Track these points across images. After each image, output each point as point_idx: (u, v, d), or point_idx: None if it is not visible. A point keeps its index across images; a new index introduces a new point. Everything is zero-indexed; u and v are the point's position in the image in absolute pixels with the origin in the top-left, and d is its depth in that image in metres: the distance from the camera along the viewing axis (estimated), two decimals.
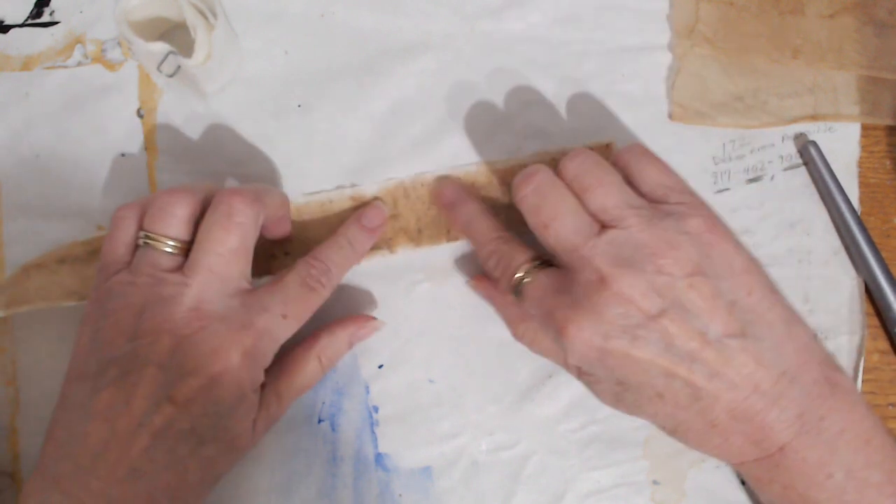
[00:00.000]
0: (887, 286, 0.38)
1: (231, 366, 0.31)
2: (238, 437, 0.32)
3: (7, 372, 0.38)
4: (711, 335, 0.29)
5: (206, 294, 0.31)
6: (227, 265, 0.32)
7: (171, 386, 0.30)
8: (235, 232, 0.32)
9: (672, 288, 0.29)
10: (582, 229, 0.31)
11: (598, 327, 0.29)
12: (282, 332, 0.33)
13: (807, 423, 0.29)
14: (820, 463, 0.29)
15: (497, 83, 0.41)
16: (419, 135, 0.40)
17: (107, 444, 0.29)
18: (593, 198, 0.32)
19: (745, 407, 0.29)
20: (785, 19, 0.42)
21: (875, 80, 0.41)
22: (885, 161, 0.41)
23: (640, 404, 0.31)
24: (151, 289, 0.31)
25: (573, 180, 0.32)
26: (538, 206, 0.32)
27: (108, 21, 0.41)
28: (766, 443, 0.29)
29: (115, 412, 0.30)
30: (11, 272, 0.38)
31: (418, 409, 0.37)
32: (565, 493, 0.37)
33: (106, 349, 0.31)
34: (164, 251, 0.32)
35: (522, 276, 0.33)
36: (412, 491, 0.37)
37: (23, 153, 0.40)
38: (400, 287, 0.39)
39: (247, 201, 0.32)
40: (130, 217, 0.33)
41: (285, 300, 0.33)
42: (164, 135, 0.40)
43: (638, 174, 0.33)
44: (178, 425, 0.30)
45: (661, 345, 0.29)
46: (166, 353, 0.30)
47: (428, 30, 0.41)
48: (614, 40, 0.41)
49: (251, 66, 0.41)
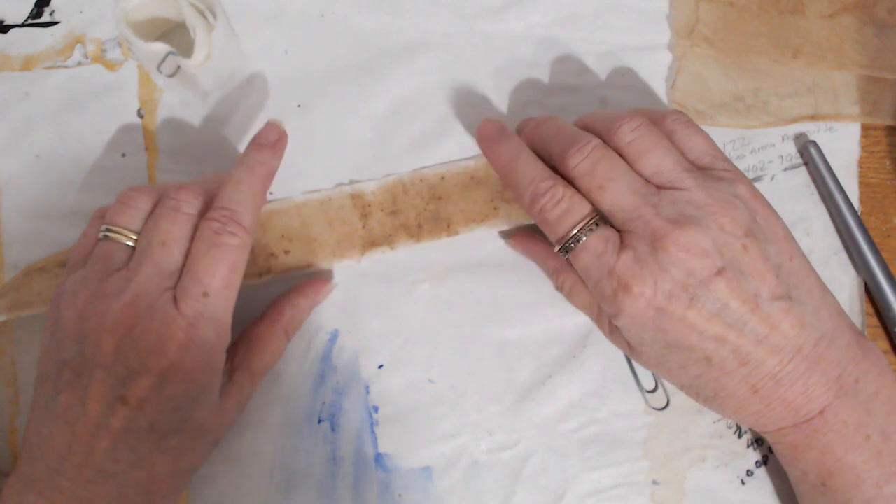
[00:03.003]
0: (887, 286, 0.38)
1: (174, 360, 0.30)
2: (203, 424, 0.32)
3: (7, 372, 0.38)
4: (762, 298, 0.30)
5: (144, 288, 0.30)
6: (169, 256, 0.31)
7: (121, 387, 0.30)
8: (181, 222, 0.32)
9: (730, 247, 0.30)
10: (639, 189, 0.31)
11: (662, 285, 0.29)
12: (214, 310, 0.31)
13: (844, 386, 0.30)
14: (858, 424, 0.30)
15: (497, 83, 0.41)
16: (419, 135, 0.40)
17: (70, 446, 0.30)
18: (650, 160, 0.32)
19: (789, 370, 0.30)
20: (785, 19, 0.42)
21: (875, 80, 0.41)
22: (885, 161, 0.41)
23: (684, 367, 0.31)
24: (97, 284, 0.31)
25: (630, 143, 0.32)
26: (592, 168, 0.31)
27: (108, 21, 0.41)
28: (807, 406, 0.30)
29: (74, 415, 0.30)
30: (13, 275, 0.38)
31: (418, 409, 0.37)
32: (565, 493, 0.37)
33: (60, 351, 0.31)
34: (123, 244, 0.32)
35: (584, 226, 0.31)
36: (412, 491, 0.37)
37: (23, 153, 0.40)
38: (400, 287, 0.39)
39: (193, 194, 0.32)
40: (103, 216, 0.34)
41: (197, 276, 0.31)
42: (164, 135, 0.40)
43: (685, 141, 0.33)
44: (135, 424, 0.30)
45: (717, 307, 0.29)
46: (110, 355, 0.30)
47: (428, 30, 0.41)
48: (614, 40, 0.41)
49: (251, 66, 0.41)
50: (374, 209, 0.38)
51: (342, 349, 0.38)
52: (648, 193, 0.31)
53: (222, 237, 0.31)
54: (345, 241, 0.38)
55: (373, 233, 0.38)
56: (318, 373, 0.38)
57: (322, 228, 0.38)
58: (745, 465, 0.37)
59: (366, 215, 0.38)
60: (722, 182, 0.31)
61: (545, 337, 0.38)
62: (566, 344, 0.38)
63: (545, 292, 0.38)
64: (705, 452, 0.37)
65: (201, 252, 0.31)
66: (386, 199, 0.38)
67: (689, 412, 0.37)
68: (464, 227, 0.38)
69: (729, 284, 0.29)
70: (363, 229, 0.38)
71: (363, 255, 0.38)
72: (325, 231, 0.38)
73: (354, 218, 0.38)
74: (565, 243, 0.32)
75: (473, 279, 0.39)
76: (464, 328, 0.38)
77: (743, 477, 0.37)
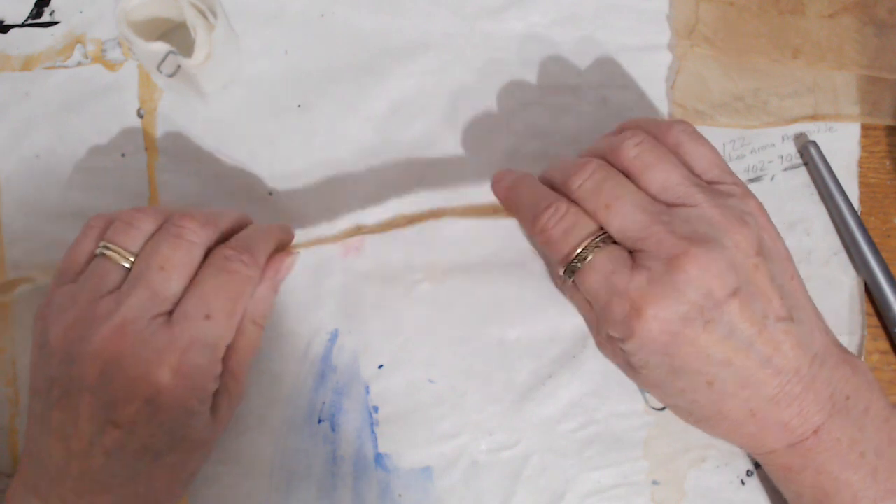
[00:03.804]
0: (887, 286, 0.38)
1: (164, 387, 0.29)
2: (197, 439, 0.32)
3: (7, 372, 0.38)
4: (769, 320, 0.29)
5: (134, 313, 0.30)
6: (166, 282, 0.30)
7: (109, 410, 0.29)
8: (183, 250, 0.31)
9: (744, 267, 0.29)
10: (648, 206, 0.30)
11: (678, 308, 0.28)
12: (212, 334, 0.31)
13: (837, 404, 0.30)
14: (852, 442, 0.30)
15: (497, 83, 0.41)
16: (419, 135, 0.40)
17: (67, 461, 0.30)
18: (656, 175, 0.30)
19: (787, 391, 0.29)
20: (785, 19, 0.42)
21: (875, 80, 0.41)
22: (885, 161, 0.41)
23: (684, 392, 0.30)
24: (87, 306, 0.30)
25: (634, 159, 0.31)
26: (597, 188, 0.30)
27: (108, 21, 0.41)
28: (802, 427, 0.30)
29: (67, 432, 0.29)
30: (13, 275, 0.38)
31: (418, 409, 0.37)
32: (565, 493, 0.37)
33: (49, 366, 0.30)
34: (120, 264, 0.31)
35: (591, 243, 0.30)
36: (412, 491, 0.37)
37: (23, 153, 0.40)
38: (400, 287, 0.38)
39: (199, 223, 0.32)
40: (100, 227, 0.33)
41: (203, 298, 0.31)
42: (164, 135, 0.40)
43: (691, 153, 0.32)
44: (129, 446, 0.30)
45: (727, 329, 0.29)
46: (96, 379, 0.29)
47: (428, 30, 0.41)
48: (614, 40, 0.41)
49: (251, 66, 0.41)
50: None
51: (342, 349, 0.38)
52: (658, 211, 0.30)
53: (234, 264, 0.31)
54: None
55: None
56: (318, 373, 0.38)
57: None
58: (745, 465, 0.37)
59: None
60: (732, 198, 0.30)
61: (545, 337, 0.38)
62: (566, 344, 0.38)
63: (545, 292, 0.38)
64: (705, 452, 0.37)
65: (210, 276, 0.31)
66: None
67: None
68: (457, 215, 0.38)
69: (741, 305, 0.28)
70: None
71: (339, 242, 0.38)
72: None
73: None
74: (570, 262, 0.31)
75: (473, 279, 0.39)
76: (464, 328, 0.38)
77: (743, 477, 0.37)
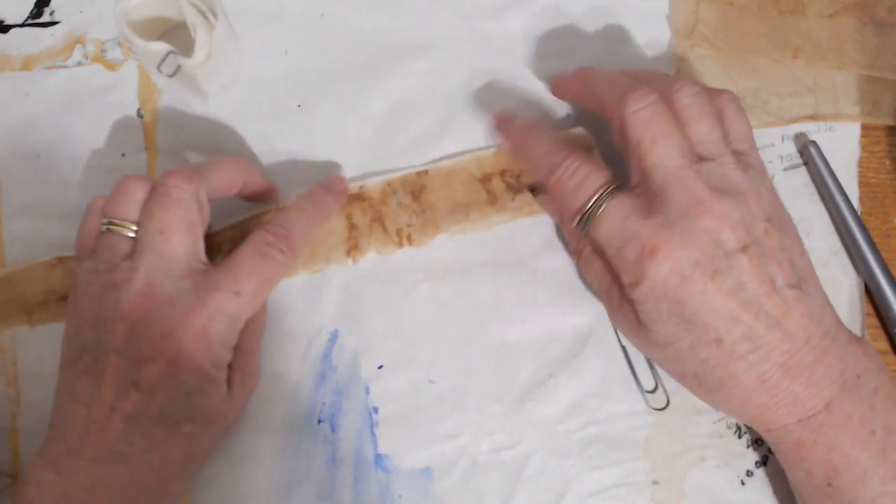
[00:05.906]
0: (887, 286, 0.38)
1: (185, 349, 0.31)
2: (214, 412, 0.33)
3: (7, 372, 0.38)
4: (777, 283, 0.30)
5: (154, 276, 0.31)
6: (170, 243, 0.32)
7: (133, 372, 0.31)
8: (173, 208, 0.32)
9: (755, 228, 0.30)
10: (687, 152, 0.31)
11: (689, 252, 0.30)
12: (237, 309, 0.32)
13: (848, 381, 0.30)
14: (863, 419, 0.30)
15: (497, 83, 0.41)
16: (419, 135, 0.40)
17: (87, 427, 0.30)
18: (701, 127, 0.32)
19: (797, 360, 0.30)
20: (785, 19, 0.42)
21: (875, 80, 0.41)
22: (885, 161, 0.41)
23: (694, 348, 0.31)
24: (108, 275, 0.32)
25: (687, 107, 0.32)
26: (650, 119, 0.31)
27: (108, 21, 0.41)
28: (812, 400, 0.30)
29: (91, 398, 0.31)
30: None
31: (418, 409, 0.37)
32: (565, 493, 0.37)
33: (79, 337, 0.32)
34: (125, 235, 0.33)
35: (604, 194, 0.32)
36: (412, 491, 0.37)
37: (23, 153, 0.40)
38: (400, 287, 0.39)
39: (183, 177, 0.33)
40: (100, 205, 0.34)
41: (237, 275, 0.32)
42: (164, 135, 0.40)
43: (731, 121, 0.33)
44: (148, 410, 0.31)
45: (736, 284, 0.30)
46: (122, 340, 0.31)
47: (428, 30, 0.41)
48: (614, 40, 0.41)
49: (251, 66, 0.41)
50: (361, 210, 0.38)
51: (342, 349, 0.38)
52: (693, 159, 0.31)
53: (272, 250, 0.33)
54: (329, 237, 0.38)
55: (360, 234, 0.38)
56: (318, 373, 0.38)
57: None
58: (745, 465, 0.37)
59: (351, 220, 0.38)
60: (753, 170, 0.32)
61: (545, 337, 0.38)
62: (566, 344, 0.38)
63: (545, 292, 0.38)
64: (705, 452, 0.37)
65: (247, 257, 0.33)
66: (374, 197, 0.38)
67: (689, 412, 0.37)
68: (454, 225, 0.38)
69: (751, 262, 0.30)
70: (349, 232, 0.38)
71: (349, 258, 0.38)
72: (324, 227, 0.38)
73: (341, 227, 0.38)
74: (585, 212, 0.32)
75: (474, 279, 0.39)
76: (464, 328, 0.38)
77: (743, 477, 0.37)
